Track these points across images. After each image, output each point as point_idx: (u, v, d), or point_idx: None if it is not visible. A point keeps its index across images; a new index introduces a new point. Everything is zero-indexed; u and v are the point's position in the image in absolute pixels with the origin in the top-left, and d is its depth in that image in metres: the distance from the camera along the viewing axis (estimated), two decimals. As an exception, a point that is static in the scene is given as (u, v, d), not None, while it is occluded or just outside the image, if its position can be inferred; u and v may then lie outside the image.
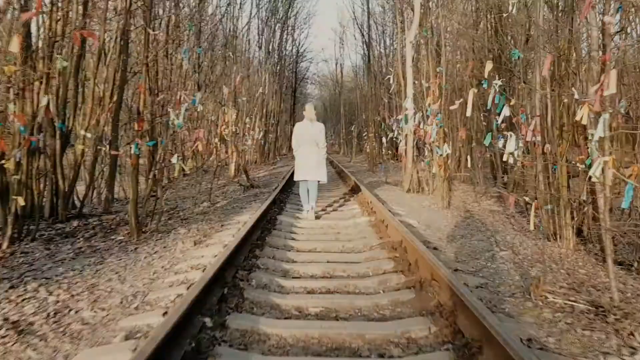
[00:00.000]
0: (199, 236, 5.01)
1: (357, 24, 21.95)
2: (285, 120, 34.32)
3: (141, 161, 6.35)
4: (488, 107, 5.63)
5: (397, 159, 16.56)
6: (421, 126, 8.14)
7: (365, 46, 20.03)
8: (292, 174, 12.46)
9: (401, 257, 3.92)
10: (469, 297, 2.62)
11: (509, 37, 7.50)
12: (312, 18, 53.79)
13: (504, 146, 5.99)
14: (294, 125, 7.21)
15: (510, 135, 5.66)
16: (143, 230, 5.50)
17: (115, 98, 6.60)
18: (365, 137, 19.06)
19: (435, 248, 4.39)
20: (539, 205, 5.51)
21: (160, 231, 5.51)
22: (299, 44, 34.73)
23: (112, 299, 3.09)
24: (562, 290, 3.23)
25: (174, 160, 5.32)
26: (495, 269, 3.80)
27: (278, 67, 26.62)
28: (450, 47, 9.09)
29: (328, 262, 4.05)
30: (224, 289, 3.07)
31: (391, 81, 11.48)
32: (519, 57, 4.62)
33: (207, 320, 2.54)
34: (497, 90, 5.64)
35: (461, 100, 7.49)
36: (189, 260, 4.03)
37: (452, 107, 7.20)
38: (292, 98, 35.42)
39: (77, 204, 7.09)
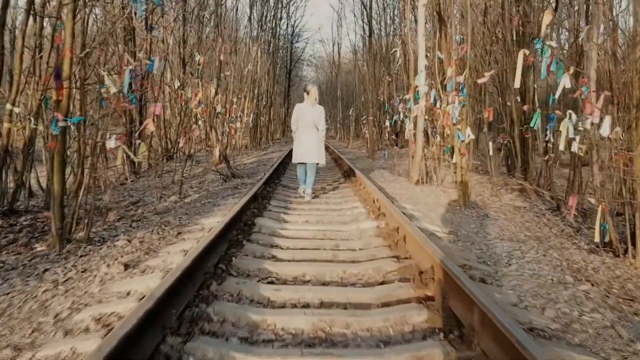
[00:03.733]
0: (138, 253, 3.52)
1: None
2: (279, 103, 32.52)
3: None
4: (543, 77, 4.16)
5: (399, 145, 15.05)
6: (438, 105, 6.64)
7: (366, 16, 18.17)
8: (282, 161, 11.03)
9: (438, 301, 2.48)
10: None
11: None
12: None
13: (558, 129, 4.55)
14: (288, 108, 6.58)
15: (570, 117, 4.22)
16: (69, 238, 4.02)
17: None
18: (364, 121, 17.47)
19: (482, 280, 2.95)
20: (605, 209, 4.15)
21: (92, 241, 4.03)
22: (295, 23, 32.89)
23: None
24: None
25: (111, 144, 3.80)
26: (591, 326, 2.35)
27: (271, 46, 24.84)
28: (460, 17, 7.57)
29: (322, 304, 2.60)
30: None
31: (397, 54, 9.89)
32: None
33: None
34: (554, 53, 4.17)
35: (492, 72, 6.01)
36: (104, 301, 2.56)
37: (480, 81, 5.71)
38: (286, 80, 33.61)
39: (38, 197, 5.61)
